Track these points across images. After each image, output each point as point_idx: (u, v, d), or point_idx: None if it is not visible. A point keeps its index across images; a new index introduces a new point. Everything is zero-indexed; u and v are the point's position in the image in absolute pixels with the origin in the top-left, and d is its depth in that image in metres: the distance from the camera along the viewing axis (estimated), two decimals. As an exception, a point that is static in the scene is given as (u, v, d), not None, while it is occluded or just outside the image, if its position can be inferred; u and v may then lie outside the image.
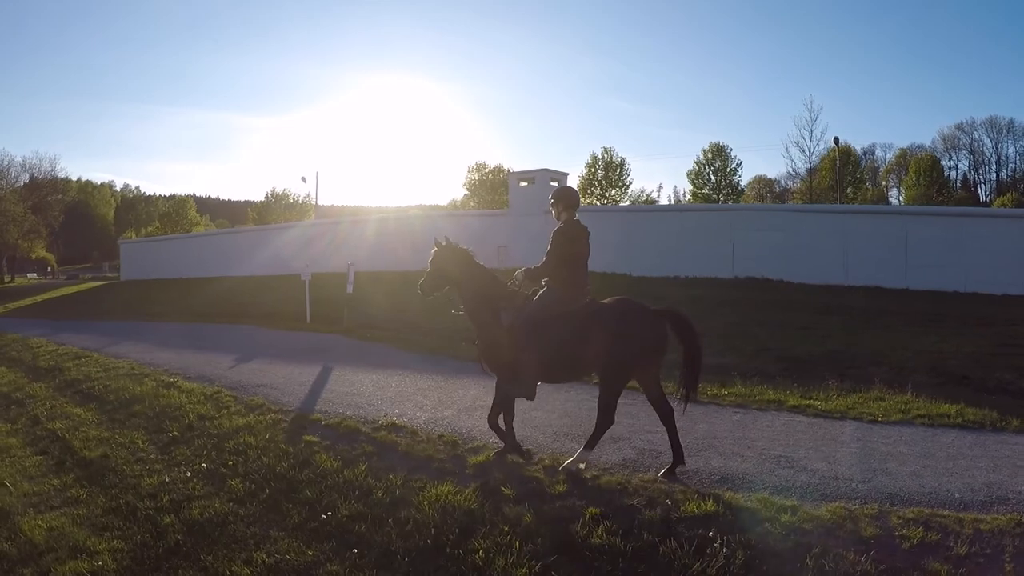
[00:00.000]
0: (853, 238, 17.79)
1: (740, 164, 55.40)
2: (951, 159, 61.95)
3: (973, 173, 62.80)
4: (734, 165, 55.01)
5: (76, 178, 77.46)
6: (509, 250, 19.98)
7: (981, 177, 62.94)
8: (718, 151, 54.78)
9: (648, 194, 55.12)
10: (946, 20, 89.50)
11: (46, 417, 7.73)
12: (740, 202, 52.87)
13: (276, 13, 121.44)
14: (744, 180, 58.41)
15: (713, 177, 54.57)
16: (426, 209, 48.57)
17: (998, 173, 61.62)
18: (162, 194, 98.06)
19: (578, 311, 4.55)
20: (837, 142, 44.27)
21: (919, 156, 57.32)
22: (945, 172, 58.34)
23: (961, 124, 61.29)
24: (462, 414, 6.12)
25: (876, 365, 8.52)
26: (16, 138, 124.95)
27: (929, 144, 61.26)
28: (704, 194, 53.90)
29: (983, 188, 62.16)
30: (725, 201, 52.08)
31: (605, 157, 53.55)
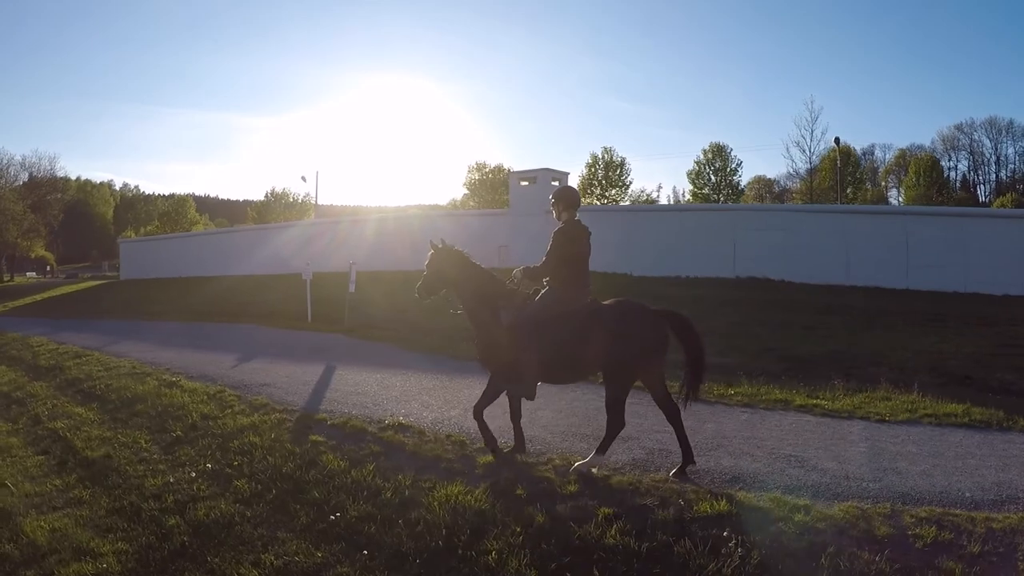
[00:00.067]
0: (854, 238, 17.81)
1: (740, 164, 55.52)
2: (951, 160, 62.15)
3: (972, 174, 62.95)
4: (734, 165, 55.05)
5: (75, 177, 77.54)
6: (510, 250, 19.96)
7: (980, 178, 63.15)
8: (718, 151, 54.73)
9: (648, 194, 55.11)
10: (946, 20, 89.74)
11: (47, 416, 7.69)
12: (740, 202, 52.83)
13: (276, 13, 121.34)
14: (744, 180, 58.56)
15: (713, 177, 54.51)
16: (425, 209, 48.55)
17: (997, 174, 61.79)
18: (161, 193, 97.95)
19: (579, 311, 4.52)
20: (838, 142, 44.19)
21: (919, 156, 57.37)
22: (944, 173, 58.40)
23: (960, 125, 61.52)
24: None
25: (878, 365, 8.51)
26: (16, 137, 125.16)
27: (928, 145, 61.50)
28: (704, 194, 53.85)
29: (983, 189, 62.28)
30: (725, 201, 52.05)
31: (605, 157, 53.53)
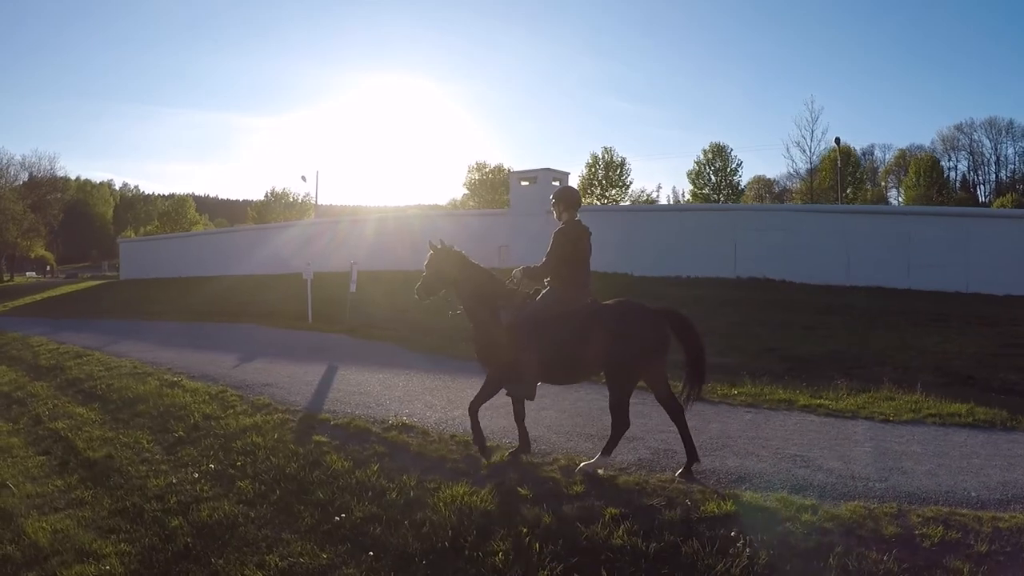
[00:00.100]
0: (855, 238, 17.80)
1: (740, 164, 55.46)
2: (951, 160, 62.16)
3: (972, 174, 62.97)
4: (734, 165, 55.01)
5: (75, 177, 77.48)
6: (510, 250, 19.94)
7: (980, 178, 63.18)
8: (718, 151, 54.67)
9: (648, 194, 55.08)
10: (946, 20, 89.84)
11: (48, 417, 7.65)
12: (740, 202, 52.80)
13: (276, 13, 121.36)
14: (744, 180, 58.52)
15: (713, 177, 54.44)
16: (425, 209, 48.55)
17: (997, 174, 61.81)
18: (161, 193, 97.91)
19: (579, 311, 4.51)
20: (839, 142, 44.26)
21: (919, 157, 57.36)
22: (944, 173, 58.36)
23: (960, 125, 61.52)
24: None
25: (880, 365, 8.49)
26: (16, 137, 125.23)
27: (928, 145, 61.50)
28: (704, 194, 53.79)
29: (982, 189, 62.30)
30: (725, 201, 52.02)
31: (605, 157, 53.50)
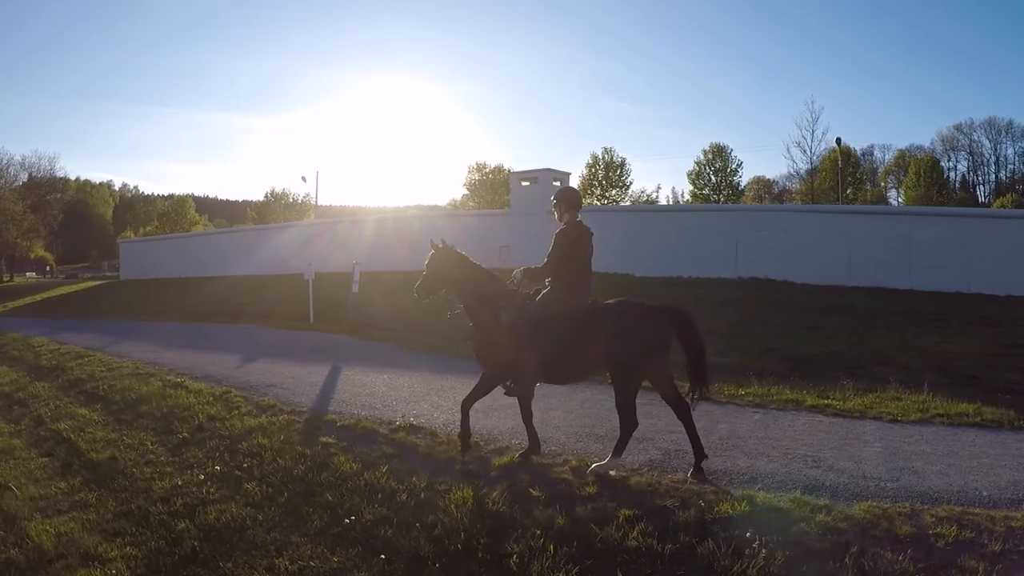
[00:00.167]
0: (856, 238, 17.78)
1: (740, 164, 55.39)
2: (950, 160, 62.18)
3: (972, 174, 62.98)
4: (734, 166, 54.96)
5: (75, 177, 77.27)
6: (510, 250, 19.90)
7: (980, 178, 63.21)
8: (718, 151, 54.62)
9: (648, 195, 55.04)
10: (946, 20, 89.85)
11: (50, 418, 7.61)
12: (740, 203, 52.82)
13: (276, 13, 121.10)
14: (744, 181, 58.50)
15: (713, 177, 54.40)
16: (425, 209, 48.51)
17: (997, 174, 61.83)
18: (161, 194, 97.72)
19: (579, 311, 4.49)
20: (839, 143, 44.25)
21: (918, 157, 57.35)
22: (944, 173, 58.36)
23: (960, 125, 61.51)
24: (481, 415, 5.91)
25: (882, 365, 8.47)
26: (15, 137, 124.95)
27: (928, 145, 61.50)
28: (704, 195, 53.73)
29: (982, 189, 62.32)
30: (725, 202, 52.02)
31: (605, 157, 53.43)
